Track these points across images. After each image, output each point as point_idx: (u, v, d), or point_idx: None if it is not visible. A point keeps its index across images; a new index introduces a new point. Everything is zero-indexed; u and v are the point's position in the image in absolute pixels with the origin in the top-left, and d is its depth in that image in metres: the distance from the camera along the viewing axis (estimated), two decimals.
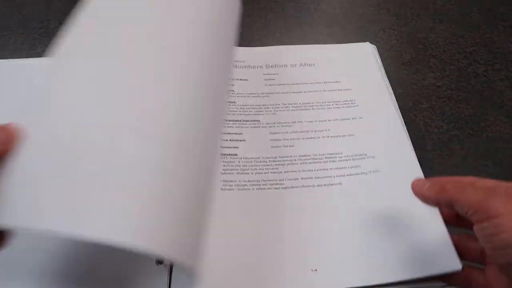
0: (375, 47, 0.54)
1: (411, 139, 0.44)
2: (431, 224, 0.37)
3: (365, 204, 0.39)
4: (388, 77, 0.50)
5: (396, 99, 0.48)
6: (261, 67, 0.51)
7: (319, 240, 0.36)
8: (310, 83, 0.49)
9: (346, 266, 0.35)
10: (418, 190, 0.32)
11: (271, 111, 0.46)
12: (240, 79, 0.49)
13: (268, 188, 0.40)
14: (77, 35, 0.29)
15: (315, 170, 0.41)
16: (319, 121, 0.45)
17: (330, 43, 0.56)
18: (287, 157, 0.42)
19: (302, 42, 0.56)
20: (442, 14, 0.62)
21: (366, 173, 0.41)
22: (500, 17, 0.62)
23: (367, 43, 0.54)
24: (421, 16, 0.61)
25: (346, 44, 0.54)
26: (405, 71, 0.54)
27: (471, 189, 0.28)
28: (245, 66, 0.51)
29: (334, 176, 0.41)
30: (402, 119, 0.46)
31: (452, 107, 0.50)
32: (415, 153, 0.42)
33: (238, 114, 0.46)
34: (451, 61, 0.56)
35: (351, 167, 0.42)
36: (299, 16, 0.61)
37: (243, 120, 0.45)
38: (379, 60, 0.52)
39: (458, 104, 0.50)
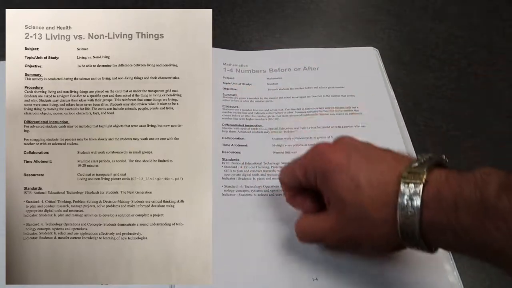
0: (378, 51, 0.54)
1: (411, 140, 0.44)
2: None
3: None
4: (388, 77, 0.50)
5: (396, 99, 0.48)
6: (264, 71, 0.51)
7: (320, 249, 0.36)
8: (314, 88, 0.49)
9: (347, 275, 0.35)
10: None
11: (273, 116, 0.46)
12: (243, 84, 0.49)
13: (270, 195, 0.40)
14: None
15: None
16: (322, 127, 0.45)
17: (330, 44, 0.56)
18: None
19: (302, 43, 0.56)
20: (442, 15, 0.62)
21: None
22: (500, 17, 0.62)
23: (371, 47, 0.54)
24: (421, 16, 0.61)
25: (350, 48, 0.54)
26: (405, 71, 0.54)
27: None
28: (248, 71, 0.51)
29: None
30: (407, 132, 0.46)
31: (452, 107, 0.50)
32: (415, 154, 0.43)
33: (240, 119, 0.46)
34: (451, 61, 0.55)
35: None
36: (299, 17, 0.61)
37: (245, 125, 0.45)
38: (382, 65, 0.52)
39: (458, 104, 0.50)
